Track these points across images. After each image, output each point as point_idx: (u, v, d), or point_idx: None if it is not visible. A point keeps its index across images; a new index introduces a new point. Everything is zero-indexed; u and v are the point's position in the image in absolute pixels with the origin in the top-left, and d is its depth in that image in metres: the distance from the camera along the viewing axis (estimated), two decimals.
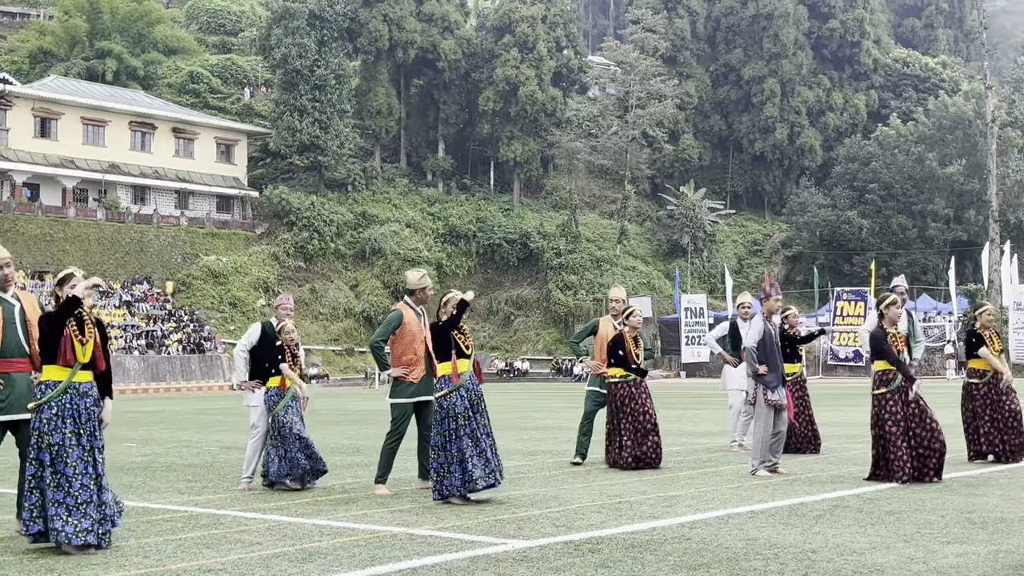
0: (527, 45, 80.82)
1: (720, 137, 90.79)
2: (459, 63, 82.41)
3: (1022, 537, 7.26)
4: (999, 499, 9.13)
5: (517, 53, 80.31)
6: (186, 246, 69.21)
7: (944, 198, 77.02)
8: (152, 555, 7.10)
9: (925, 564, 6.38)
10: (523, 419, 23.83)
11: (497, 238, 77.21)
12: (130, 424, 23.58)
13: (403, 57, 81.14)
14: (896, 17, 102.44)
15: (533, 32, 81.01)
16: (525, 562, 6.63)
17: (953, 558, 6.56)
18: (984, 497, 9.27)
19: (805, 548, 6.96)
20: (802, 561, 6.53)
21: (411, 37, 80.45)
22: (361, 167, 79.27)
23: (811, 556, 6.68)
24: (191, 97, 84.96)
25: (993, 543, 7.05)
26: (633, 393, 12.18)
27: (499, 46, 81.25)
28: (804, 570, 6.27)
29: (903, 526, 7.78)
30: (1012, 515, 8.20)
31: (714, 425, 20.13)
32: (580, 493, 10.00)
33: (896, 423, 10.55)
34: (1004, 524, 7.79)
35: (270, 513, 9.01)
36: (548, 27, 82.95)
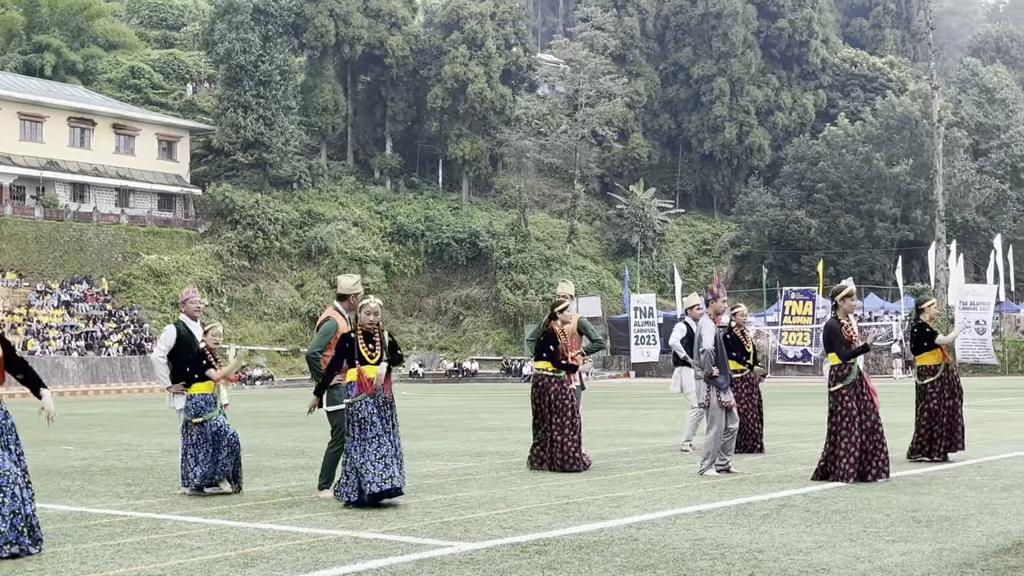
0: (476, 42, 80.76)
1: (669, 136, 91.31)
2: (407, 60, 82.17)
3: (966, 535, 7.37)
4: (944, 498, 9.26)
5: (466, 50, 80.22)
6: (127, 245, 68.36)
7: (891, 198, 78.04)
8: (89, 561, 7.01)
9: (870, 563, 6.46)
10: (472, 420, 23.80)
11: (446, 237, 77.07)
12: (69, 427, 23.24)
13: (350, 53, 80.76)
14: (844, 17, 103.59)
15: (482, 29, 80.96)
16: (471, 564, 6.62)
17: (898, 556, 6.64)
18: (929, 496, 9.40)
19: (752, 548, 7.01)
20: (748, 561, 6.58)
21: (358, 33, 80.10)
22: (307, 165, 78.77)
23: (757, 556, 6.74)
24: (132, 93, 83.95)
25: (938, 541, 7.14)
26: (561, 390, 12.06)
27: (447, 43, 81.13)
28: (750, 570, 6.32)
29: (849, 525, 7.86)
30: (956, 513, 8.33)
31: (663, 425, 20.24)
32: (528, 494, 10.01)
33: (852, 419, 10.63)
34: (948, 522, 7.91)
35: (212, 517, 8.92)
36: (497, 24, 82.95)
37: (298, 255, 73.88)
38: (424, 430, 20.43)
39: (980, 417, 20.51)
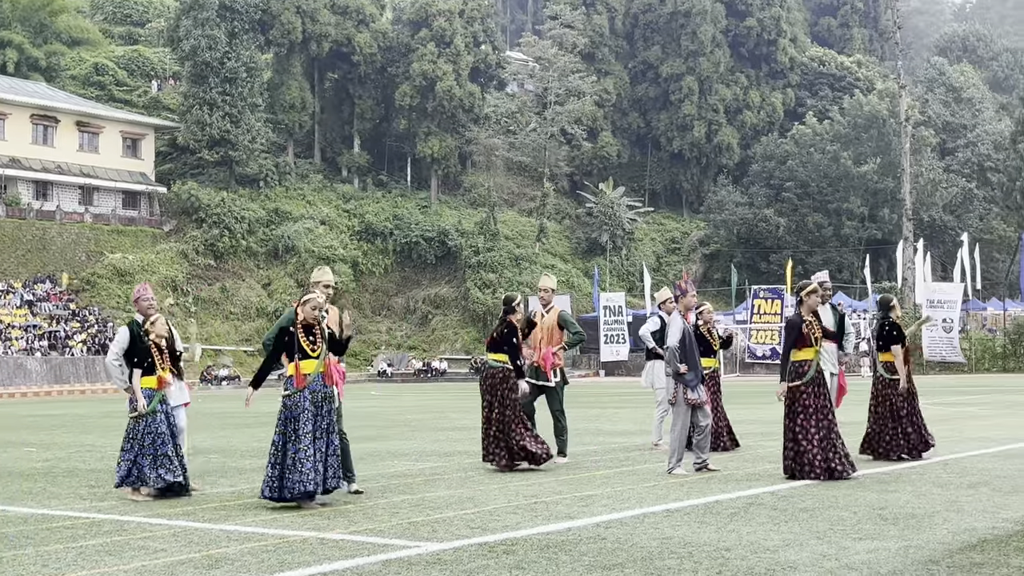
0: (444, 40, 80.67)
1: (638, 135, 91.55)
2: (374, 57, 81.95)
3: (932, 533, 7.43)
4: (911, 495, 9.33)
5: (434, 48, 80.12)
6: (91, 243, 67.83)
7: (859, 196, 78.59)
8: (51, 563, 6.95)
9: (837, 560, 6.50)
10: (440, 420, 23.78)
11: (414, 236, 76.92)
12: (31, 428, 23.04)
13: (317, 50, 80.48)
14: (812, 16, 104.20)
15: (450, 26, 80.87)
16: (439, 565, 6.61)
17: (865, 554, 6.68)
18: (896, 493, 9.47)
19: (719, 546, 7.04)
20: (716, 559, 6.61)
21: (325, 30, 79.82)
22: (273, 162, 78.41)
23: (725, 554, 6.76)
24: (96, 89, 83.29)
25: (904, 539, 7.20)
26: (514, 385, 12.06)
27: (416, 40, 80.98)
28: (718, 568, 6.34)
29: (816, 523, 7.91)
30: (923, 511, 8.39)
31: (632, 424, 20.29)
32: (496, 494, 10.00)
33: (808, 416, 10.67)
34: (915, 520, 7.97)
35: (176, 519, 8.86)
36: (466, 22, 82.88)
37: (265, 254, 73.55)
38: (392, 430, 20.40)
39: (947, 415, 20.71)
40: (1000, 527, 7.61)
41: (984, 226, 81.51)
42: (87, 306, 63.80)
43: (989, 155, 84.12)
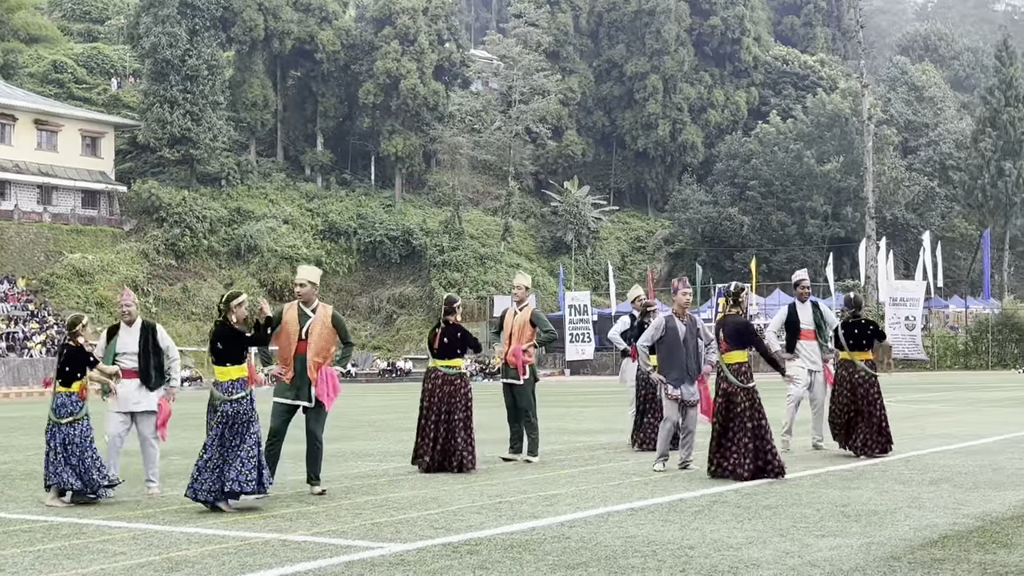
0: (408, 37, 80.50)
1: (603, 133, 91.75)
2: (338, 55, 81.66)
3: (894, 529, 7.49)
4: (873, 492, 9.41)
5: (398, 45, 79.95)
6: (49, 243, 67.14)
7: (822, 195, 79.13)
8: (8, 568, 6.87)
9: (800, 558, 6.54)
10: (405, 420, 23.66)
11: (379, 235, 76.74)
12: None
13: (279, 48, 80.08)
14: (776, 15, 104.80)
15: (414, 24, 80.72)
16: (402, 566, 6.60)
17: (827, 551, 6.73)
18: (858, 490, 9.55)
19: (683, 544, 7.07)
20: (679, 557, 6.63)
21: (287, 27, 79.44)
22: (235, 161, 77.95)
23: (688, 552, 6.79)
24: (54, 87, 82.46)
25: (866, 535, 7.26)
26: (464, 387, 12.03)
27: (379, 38, 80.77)
28: (682, 566, 6.37)
29: (779, 520, 7.95)
30: (885, 507, 8.46)
31: (598, 423, 20.33)
32: (460, 494, 9.99)
33: (742, 420, 10.67)
34: (877, 516, 8.03)
35: (136, 521, 8.79)
36: (430, 19, 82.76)
37: (227, 253, 73.11)
38: (356, 430, 20.33)
39: (909, 412, 20.90)
40: (961, 523, 7.69)
41: (946, 224, 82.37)
42: (46, 306, 63.16)
43: (951, 154, 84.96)
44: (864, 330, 12.68)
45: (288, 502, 9.74)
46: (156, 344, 10.94)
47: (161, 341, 10.96)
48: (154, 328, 11.03)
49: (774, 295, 66.99)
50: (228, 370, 9.63)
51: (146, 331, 10.92)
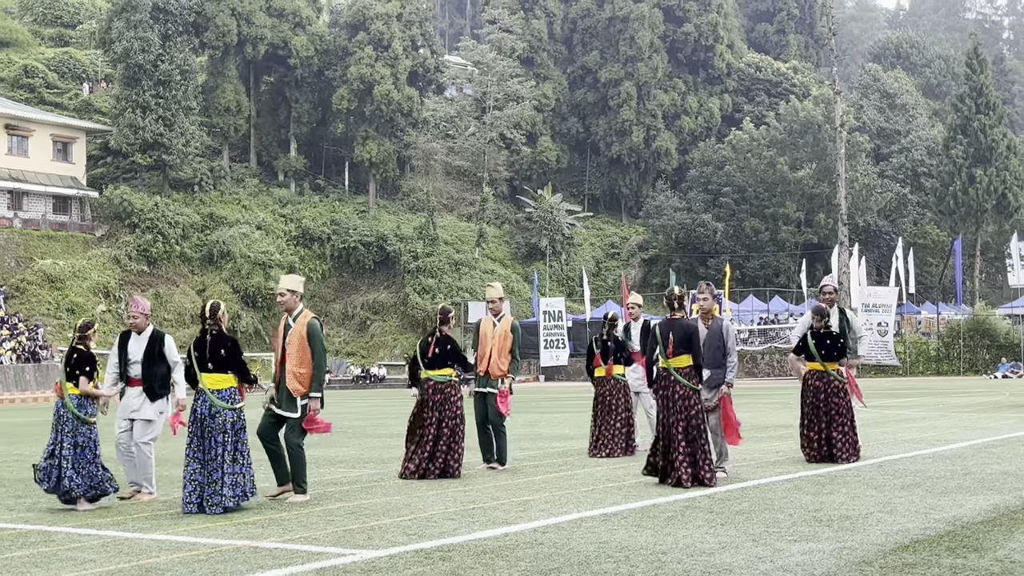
0: (382, 43, 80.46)
1: (577, 140, 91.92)
2: (311, 60, 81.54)
3: (866, 534, 7.51)
4: (845, 497, 9.44)
5: (372, 51, 79.88)
6: (20, 249, 66.64)
7: (795, 201, 79.51)
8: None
9: (772, 563, 6.54)
10: (378, 427, 23.65)
11: (352, 241, 76.58)
12: None
13: (252, 53, 79.88)
14: (749, 22, 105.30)
15: (388, 30, 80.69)
16: (374, 572, 6.56)
17: (799, 556, 6.74)
18: (831, 495, 9.57)
19: (656, 550, 7.06)
20: (652, 563, 6.62)
21: (261, 32, 79.27)
22: (208, 167, 77.67)
23: (661, 557, 6.79)
24: (25, 92, 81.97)
25: (838, 540, 7.27)
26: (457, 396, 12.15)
27: (353, 43, 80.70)
28: (654, 571, 6.36)
29: (752, 526, 7.96)
30: (857, 512, 8.48)
31: (571, 429, 20.34)
32: (433, 500, 9.96)
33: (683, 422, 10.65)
34: (849, 521, 8.05)
35: (105, 529, 8.71)
36: (404, 25, 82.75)
37: (199, 259, 72.78)
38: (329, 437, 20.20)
39: (882, 417, 20.99)
40: (932, 528, 7.72)
41: (918, 231, 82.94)
42: (16, 313, 62.64)
43: (923, 160, 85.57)
44: (836, 340, 12.66)
45: (259, 509, 9.69)
46: (162, 354, 10.95)
47: (168, 353, 10.95)
48: (163, 339, 11.04)
49: (747, 301, 67.30)
50: (221, 378, 9.88)
51: (154, 341, 10.97)
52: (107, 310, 65.41)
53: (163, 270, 71.15)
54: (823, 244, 76.10)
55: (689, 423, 10.60)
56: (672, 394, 10.69)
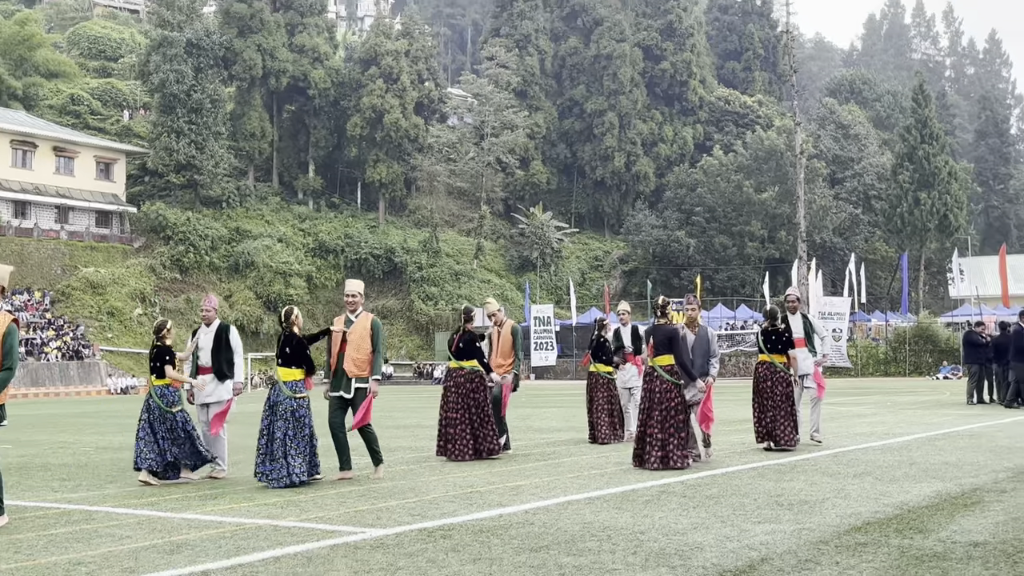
0: (392, 76, 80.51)
1: (565, 164, 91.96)
2: (328, 91, 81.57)
3: (823, 516, 7.51)
4: (804, 484, 9.43)
5: (382, 84, 79.93)
6: (65, 258, 66.54)
7: (759, 220, 79.59)
8: (23, 550, 6.76)
9: (738, 542, 6.54)
10: (385, 418, 23.60)
11: (364, 253, 76.55)
12: (7, 428, 22.42)
13: (275, 84, 79.88)
14: (719, 60, 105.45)
15: (397, 65, 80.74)
16: (381, 549, 6.55)
17: (763, 536, 6.73)
18: (792, 482, 9.56)
19: (635, 530, 7.05)
20: (632, 541, 6.62)
21: (283, 66, 79.28)
22: (235, 185, 77.61)
23: (640, 536, 6.78)
24: (72, 118, 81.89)
25: (798, 522, 7.26)
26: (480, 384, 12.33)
27: (366, 77, 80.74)
28: (633, 549, 6.35)
29: (720, 509, 7.95)
30: (814, 497, 8.48)
31: (559, 422, 20.31)
32: (435, 485, 9.94)
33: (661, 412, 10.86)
34: (808, 505, 8.05)
35: (141, 508, 8.69)
36: (411, 61, 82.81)
37: (226, 268, 72.69)
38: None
39: (836, 414, 21.00)
40: (881, 511, 7.72)
41: (869, 247, 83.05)
42: (62, 315, 62.54)
43: (873, 185, 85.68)
44: (780, 336, 12.83)
45: (279, 491, 9.66)
46: (228, 342, 11.17)
47: (232, 340, 11.15)
48: (227, 329, 11.32)
49: (716, 308, 67.34)
50: (292, 372, 10.18)
51: (220, 332, 11.21)
52: (143, 313, 65.31)
53: (194, 278, 71.02)
54: (784, 258, 76.16)
55: (666, 414, 10.83)
56: (654, 388, 10.98)
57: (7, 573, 6.05)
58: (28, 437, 19.17)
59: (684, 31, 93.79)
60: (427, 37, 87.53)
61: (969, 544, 6.38)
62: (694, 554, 6.18)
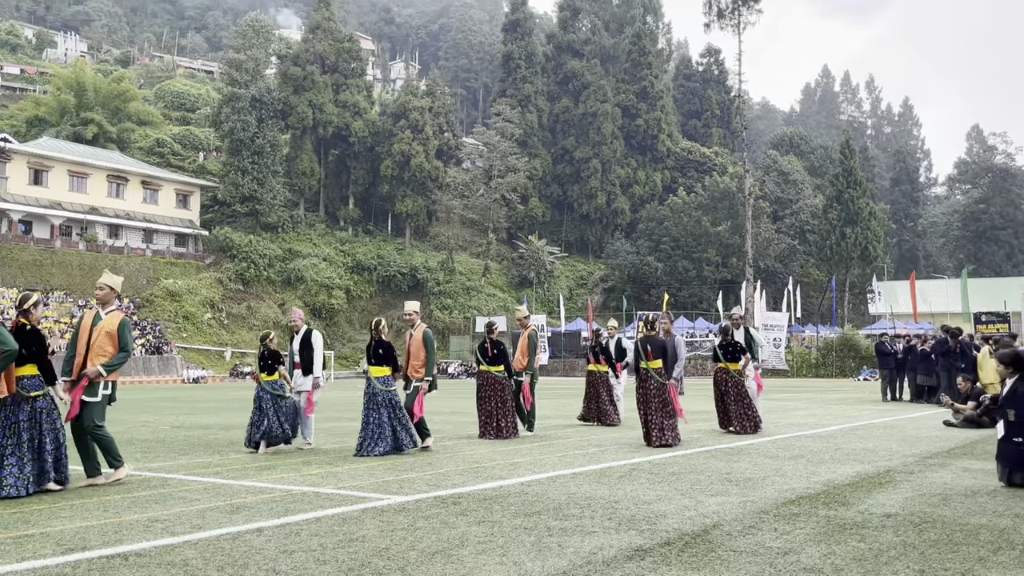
0: (417, 128, 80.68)
1: (558, 200, 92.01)
2: (366, 139, 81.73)
3: (764, 491, 7.50)
4: (748, 464, 9.42)
5: (410, 133, 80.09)
6: (149, 272, 66.59)
7: (715, 248, 79.61)
8: (110, 509, 6.76)
9: (695, 511, 6.53)
10: None
11: (393, 270, 76.55)
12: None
13: (323, 133, 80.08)
14: (683, 118, 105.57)
15: (422, 118, 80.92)
16: (403, 512, 6.54)
17: (715, 506, 6.73)
18: (738, 463, 9.55)
19: (610, 500, 7.04)
20: (608, 509, 6.61)
21: (329, 118, 79.48)
22: (289, 214, 77.70)
23: (614, 505, 6.77)
24: (157, 158, 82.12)
25: (743, 496, 7.26)
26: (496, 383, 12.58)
27: (396, 127, 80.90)
28: (609, 515, 6.35)
29: (681, 484, 7.94)
30: (757, 475, 8.47)
31: (549, 411, 20.26)
32: (447, 461, 9.93)
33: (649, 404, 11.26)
34: (752, 482, 8.04)
35: (207, 476, 8.68)
36: (433, 115, 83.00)
37: (280, 281, 72.69)
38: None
39: (775, 407, 20.98)
40: (812, 488, 7.71)
41: (803, 272, 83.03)
42: (146, 318, 62.55)
43: (808, 221, 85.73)
44: (734, 348, 13.10)
45: (319, 463, 9.65)
46: (309, 343, 11.36)
47: (313, 341, 11.33)
48: (311, 332, 11.54)
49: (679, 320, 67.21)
50: (382, 369, 10.56)
51: (307, 335, 11.45)
52: (212, 317, 65.31)
53: (253, 289, 71.03)
54: (734, 280, 76.17)
55: (660, 405, 11.23)
56: (649, 386, 11.32)
57: (97, 528, 6.04)
58: (117, 416, 19.15)
59: (655, 94, 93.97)
60: (447, 96, 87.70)
61: (883, 515, 6.37)
62: (659, 520, 6.18)
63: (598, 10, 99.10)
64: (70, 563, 4.99)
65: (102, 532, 5.88)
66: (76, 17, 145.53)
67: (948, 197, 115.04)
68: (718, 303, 65.22)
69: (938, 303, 67.77)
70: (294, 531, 5.86)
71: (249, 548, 5.34)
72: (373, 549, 5.30)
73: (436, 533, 5.76)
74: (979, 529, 5.89)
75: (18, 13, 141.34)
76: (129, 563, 4.99)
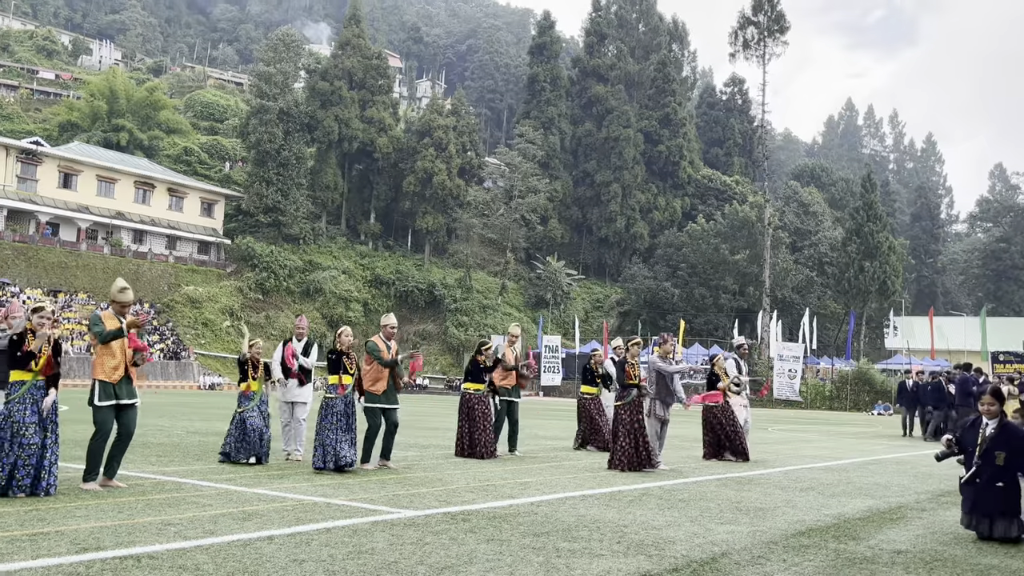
0: (441, 146, 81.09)
1: (577, 223, 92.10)
2: (390, 155, 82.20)
3: (774, 521, 7.45)
4: (759, 494, 9.36)
5: (433, 151, 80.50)
6: (171, 278, 67.10)
7: (732, 277, 79.33)
8: (125, 511, 6.80)
9: (704, 538, 6.49)
10: (420, 421, 23.58)
11: (410, 286, 76.75)
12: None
13: (348, 147, 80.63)
14: (705, 146, 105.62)
15: (446, 137, 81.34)
16: (413, 527, 6.54)
17: (724, 534, 6.69)
18: (749, 492, 9.49)
19: (619, 524, 7.01)
20: (617, 533, 6.58)
21: (355, 133, 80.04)
22: (311, 226, 78.16)
23: (623, 529, 6.74)
24: (183, 166, 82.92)
25: (753, 525, 7.21)
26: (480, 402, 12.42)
27: (420, 145, 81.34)
28: (618, 539, 6.32)
29: (690, 510, 7.90)
30: (768, 505, 8.41)
31: (561, 431, 20.21)
32: (458, 477, 9.92)
33: (627, 427, 11.19)
34: (762, 512, 7.98)
35: (221, 483, 8.71)
36: (457, 134, 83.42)
37: (300, 292, 73.02)
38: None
39: (788, 439, 20.83)
40: (822, 520, 7.65)
41: (820, 304, 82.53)
42: (166, 323, 62.97)
43: (826, 253, 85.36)
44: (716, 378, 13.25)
45: (332, 475, 9.66)
46: (307, 354, 11.32)
47: (312, 352, 11.33)
48: (311, 344, 11.47)
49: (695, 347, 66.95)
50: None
51: (308, 345, 11.38)
52: (231, 325, 65.60)
53: (273, 299, 71.38)
54: (751, 309, 75.85)
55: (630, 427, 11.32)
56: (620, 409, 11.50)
57: (111, 529, 6.08)
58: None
59: (678, 121, 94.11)
60: (471, 116, 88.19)
61: (893, 551, 6.31)
62: (667, 546, 6.15)
63: (624, 36, 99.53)
64: (83, 562, 5.03)
65: (116, 533, 5.92)
66: (112, 26, 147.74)
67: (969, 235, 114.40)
68: (734, 331, 64.89)
69: (956, 340, 67.13)
70: (305, 540, 5.87)
71: (260, 555, 5.36)
72: (382, 562, 5.30)
73: (445, 549, 5.75)
74: (990, 570, 5.82)
75: (55, 20, 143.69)
76: (141, 565, 5.02)
